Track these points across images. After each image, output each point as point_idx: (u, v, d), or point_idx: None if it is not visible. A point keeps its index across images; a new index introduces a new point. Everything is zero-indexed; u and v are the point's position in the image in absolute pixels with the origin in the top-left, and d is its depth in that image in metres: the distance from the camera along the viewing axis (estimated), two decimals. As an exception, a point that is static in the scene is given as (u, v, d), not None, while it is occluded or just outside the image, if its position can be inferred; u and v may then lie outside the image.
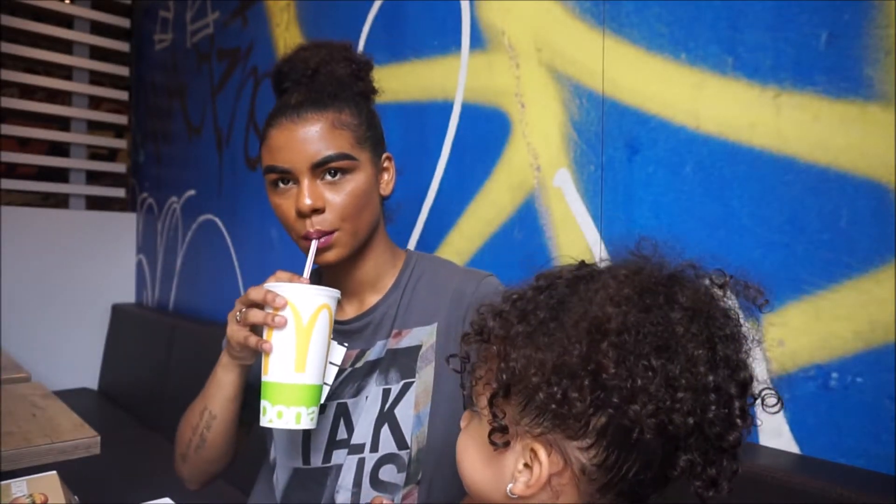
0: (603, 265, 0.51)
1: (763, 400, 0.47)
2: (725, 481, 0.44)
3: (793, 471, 0.71)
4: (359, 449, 0.80)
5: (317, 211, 0.76)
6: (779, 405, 0.47)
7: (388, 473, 0.78)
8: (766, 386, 0.47)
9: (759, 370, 0.81)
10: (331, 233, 0.77)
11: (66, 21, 2.88)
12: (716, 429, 0.43)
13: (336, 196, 0.77)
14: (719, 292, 0.48)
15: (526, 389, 0.45)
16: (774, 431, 0.80)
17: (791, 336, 0.79)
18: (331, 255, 0.79)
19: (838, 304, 0.75)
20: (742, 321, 0.47)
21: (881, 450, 0.71)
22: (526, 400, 0.45)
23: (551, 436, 0.45)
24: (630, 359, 0.42)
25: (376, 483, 0.78)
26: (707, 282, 0.48)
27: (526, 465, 0.46)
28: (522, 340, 0.46)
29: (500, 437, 0.47)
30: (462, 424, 0.55)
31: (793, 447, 0.79)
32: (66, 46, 2.87)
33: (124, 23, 3.02)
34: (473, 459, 0.51)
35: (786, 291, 0.79)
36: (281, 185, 0.79)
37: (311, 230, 0.76)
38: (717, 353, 0.44)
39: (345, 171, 0.78)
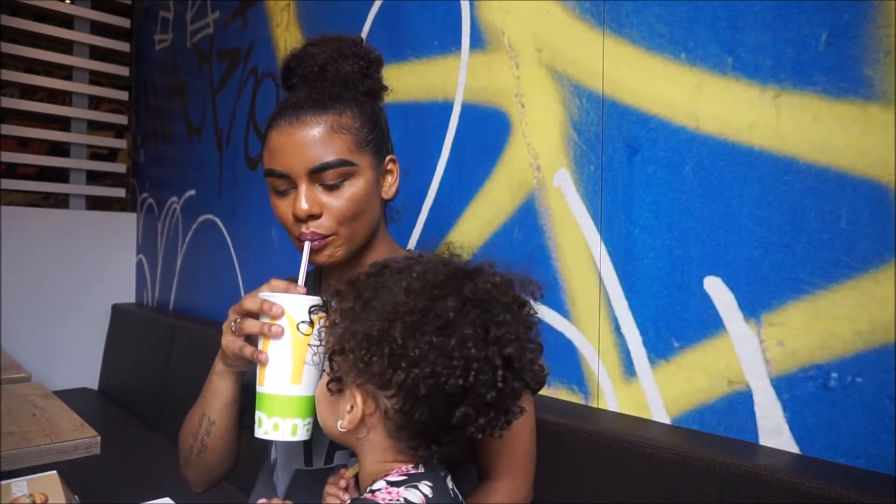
0: (425, 257, 0.64)
1: (537, 381, 0.62)
2: (498, 429, 0.59)
3: (793, 471, 0.71)
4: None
5: (313, 216, 0.76)
6: (545, 372, 0.64)
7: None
8: (545, 369, 0.63)
9: (760, 370, 0.81)
10: (327, 236, 0.77)
11: (67, 21, 2.88)
12: (481, 389, 0.56)
13: (334, 200, 0.77)
14: (505, 287, 0.61)
15: (343, 350, 0.59)
16: (774, 431, 0.80)
17: (791, 336, 0.79)
18: (323, 257, 0.79)
19: (838, 304, 0.75)
20: (524, 309, 0.61)
21: (881, 450, 0.71)
22: (351, 358, 0.59)
23: (369, 386, 0.59)
24: (416, 335, 0.55)
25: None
26: (496, 279, 0.61)
27: (351, 406, 0.60)
28: (350, 315, 0.60)
29: (335, 386, 0.61)
30: (321, 381, 0.67)
31: (792, 447, 0.79)
32: (66, 46, 2.87)
33: (124, 23, 3.02)
34: (323, 404, 0.65)
35: (786, 291, 0.79)
36: (280, 187, 0.78)
37: (307, 232, 0.77)
38: (490, 333, 0.57)
39: (343, 177, 0.77)
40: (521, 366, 0.58)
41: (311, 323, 0.67)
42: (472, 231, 1.22)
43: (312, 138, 0.75)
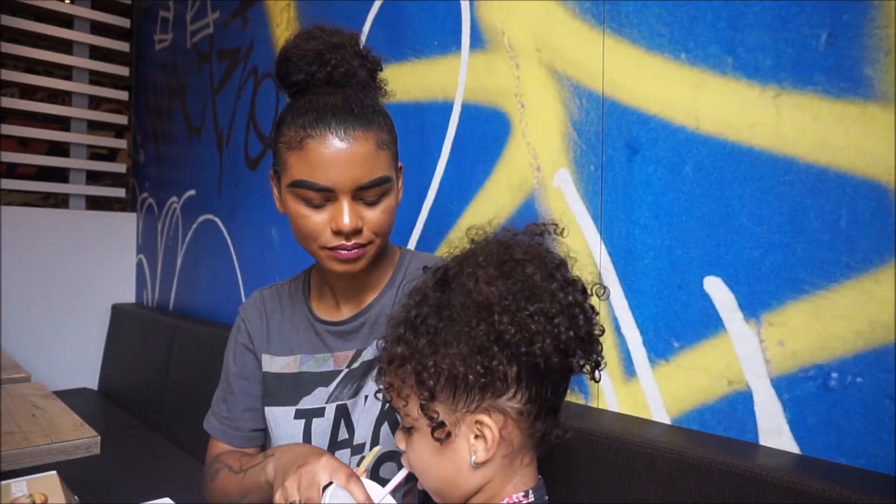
0: (449, 261, 0.62)
1: (597, 293, 0.62)
2: (602, 361, 0.60)
3: (793, 471, 0.71)
4: (360, 449, 0.80)
5: (357, 230, 0.76)
6: (606, 292, 0.67)
7: (389, 471, 0.79)
8: (594, 282, 0.63)
9: (760, 370, 0.81)
10: (365, 246, 0.78)
11: (66, 21, 2.88)
12: (584, 329, 0.57)
13: (373, 214, 0.77)
14: (539, 238, 0.62)
15: (453, 381, 0.55)
16: (774, 431, 0.80)
17: (791, 336, 0.79)
18: (356, 268, 0.79)
19: (838, 304, 0.75)
20: (556, 252, 0.62)
21: (881, 450, 0.71)
22: (453, 390, 0.56)
23: (485, 403, 0.56)
24: (517, 315, 0.54)
25: (377, 481, 0.78)
26: (526, 236, 0.62)
27: (477, 436, 0.56)
28: (430, 349, 0.55)
29: (442, 432, 0.56)
30: (402, 447, 0.63)
31: (793, 447, 0.79)
32: (66, 46, 2.87)
33: (124, 23, 3.02)
34: (429, 464, 0.59)
35: (786, 291, 0.79)
36: (315, 200, 0.75)
37: (349, 243, 0.76)
38: (558, 280, 0.57)
39: (384, 193, 0.77)
40: (589, 293, 0.60)
41: (391, 385, 0.61)
42: (472, 231, 1.22)
43: (363, 155, 0.74)
